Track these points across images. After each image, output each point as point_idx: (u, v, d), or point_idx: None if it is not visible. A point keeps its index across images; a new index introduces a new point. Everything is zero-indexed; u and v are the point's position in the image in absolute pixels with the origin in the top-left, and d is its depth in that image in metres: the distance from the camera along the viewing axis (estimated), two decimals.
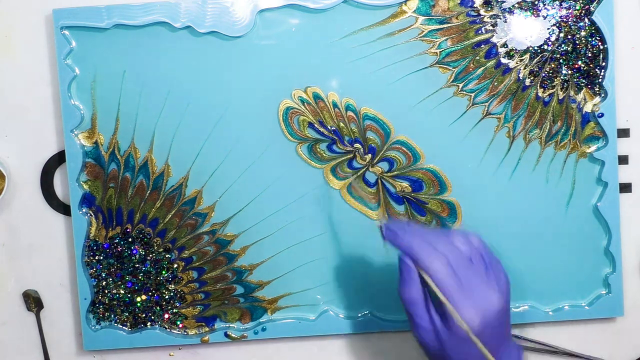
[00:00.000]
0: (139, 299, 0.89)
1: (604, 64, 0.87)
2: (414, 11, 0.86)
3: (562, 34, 0.87)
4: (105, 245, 0.88)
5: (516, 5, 0.86)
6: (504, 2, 0.86)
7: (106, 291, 0.88)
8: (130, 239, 0.88)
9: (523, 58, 0.87)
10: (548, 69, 0.87)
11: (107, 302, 0.88)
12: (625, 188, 0.90)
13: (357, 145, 0.87)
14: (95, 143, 0.87)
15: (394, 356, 0.92)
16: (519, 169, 0.88)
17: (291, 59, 0.87)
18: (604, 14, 0.86)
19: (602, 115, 0.87)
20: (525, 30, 0.86)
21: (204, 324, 0.89)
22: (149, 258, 0.88)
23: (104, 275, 0.88)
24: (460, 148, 0.88)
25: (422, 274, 0.72)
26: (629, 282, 0.91)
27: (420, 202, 0.88)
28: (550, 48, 0.87)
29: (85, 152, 0.87)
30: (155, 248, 0.88)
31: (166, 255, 0.88)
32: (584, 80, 0.87)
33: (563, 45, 0.87)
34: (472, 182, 0.88)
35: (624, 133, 0.89)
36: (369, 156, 0.87)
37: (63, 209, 0.89)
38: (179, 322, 0.89)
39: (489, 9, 0.86)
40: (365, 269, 0.89)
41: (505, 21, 0.86)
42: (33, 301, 0.90)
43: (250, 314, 0.90)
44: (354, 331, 0.90)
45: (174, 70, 0.86)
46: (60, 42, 0.85)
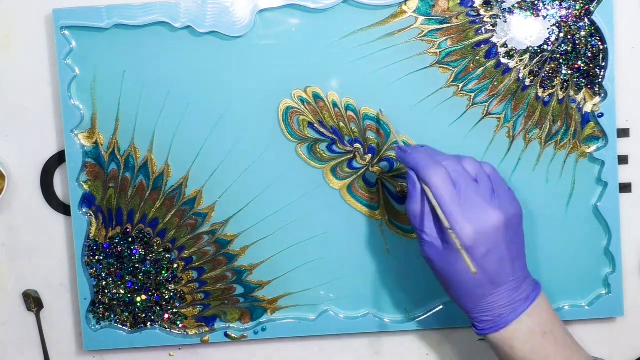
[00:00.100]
0: (139, 299, 0.89)
1: (604, 64, 0.87)
2: (414, 11, 0.86)
3: (562, 34, 0.86)
4: (105, 245, 0.88)
5: (516, 5, 0.86)
6: (504, 2, 0.86)
7: (106, 291, 0.88)
8: (130, 239, 0.88)
9: (523, 58, 0.87)
10: (548, 69, 0.87)
11: (107, 302, 0.88)
12: (625, 188, 0.90)
13: (357, 145, 0.87)
14: (95, 143, 0.87)
15: (394, 356, 0.92)
16: (519, 169, 0.88)
17: (291, 59, 0.86)
18: (604, 14, 0.86)
19: (602, 115, 0.87)
20: (525, 30, 0.86)
21: (204, 324, 0.89)
22: (149, 258, 0.88)
23: (104, 275, 0.88)
24: (460, 148, 0.87)
25: (423, 186, 0.74)
26: (629, 282, 0.91)
27: None
28: (550, 48, 0.87)
29: (85, 152, 0.87)
30: (155, 248, 0.88)
31: (166, 255, 0.88)
32: (584, 80, 0.87)
33: (563, 45, 0.87)
34: None
35: (624, 133, 0.89)
36: (369, 156, 0.87)
37: (63, 209, 0.89)
38: (179, 322, 0.89)
39: (489, 9, 0.86)
40: (365, 269, 0.89)
41: (505, 21, 0.86)
42: (33, 301, 0.90)
43: (250, 314, 0.90)
44: (354, 331, 0.90)
45: (174, 70, 0.86)
46: (60, 42, 0.85)
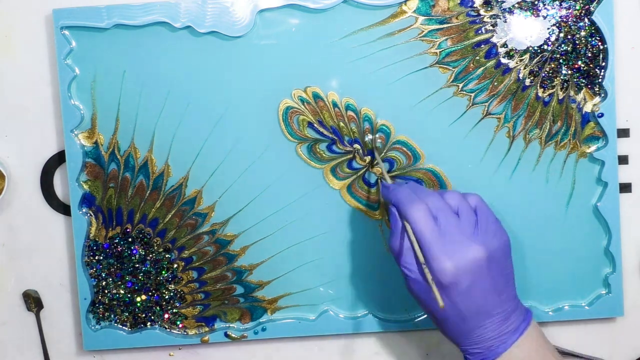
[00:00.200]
0: (139, 299, 0.89)
1: (604, 64, 0.87)
2: (414, 11, 0.86)
3: (562, 34, 0.86)
4: (105, 245, 0.88)
5: (516, 5, 0.86)
6: (504, 2, 0.86)
7: (106, 291, 0.88)
8: (130, 239, 0.88)
9: (523, 58, 0.87)
10: (548, 69, 0.87)
11: (107, 302, 0.88)
12: (625, 188, 0.90)
13: (357, 146, 0.87)
14: (95, 143, 0.87)
15: (394, 356, 0.92)
16: (519, 169, 0.88)
17: (291, 59, 0.86)
18: (604, 14, 0.86)
19: (602, 115, 0.87)
20: (525, 30, 0.86)
21: (204, 324, 0.89)
22: (149, 258, 0.88)
23: (104, 275, 0.88)
24: (460, 148, 0.87)
25: (404, 222, 0.75)
26: (629, 282, 0.91)
27: None
28: (550, 48, 0.87)
29: (85, 152, 0.87)
30: (155, 248, 0.88)
31: (166, 255, 0.88)
32: (584, 80, 0.87)
33: (563, 45, 0.87)
34: (472, 182, 0.88)
35: (624, 133, 0.89)
36: (369, 157, 0.87)
37: (63, 209, 0.89)
38: (179, 322, 0.89)
39: (489, 9, 0.86)
40: (365, 269, 0.89)
41: (505, 21, 0.86)
42: (33, 301, 0.90)
43: (250, 314, 0.90)
44: (354, 331, 0.90)
45: (174, 70, 0.86)
46: (60, 42, 0.85)
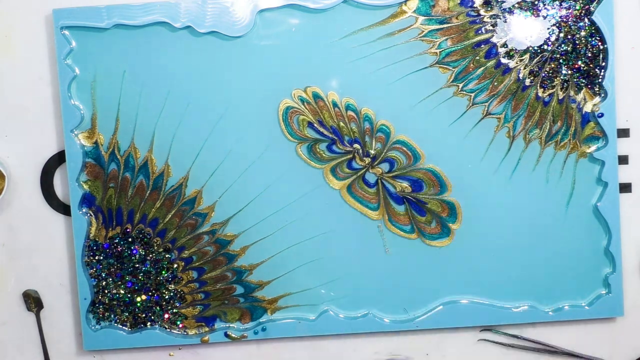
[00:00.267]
0: (139, 299, 0.89)
1: (604, 64, 0.87)
2: (414, 11, 0.86)
3: (562, 34, 0.86)
4: (105, 245, 0.88)
5: (516, 5, 0.86)
6: (504, 2, 0.86)
7: (106, 291, 0.88)
8: (130, 239, 0.88)
9: (523, 58, 0.87)
10: (548, 69, 0.87)
11: (107, 302, 0.88)
12: (625, 188, 0.90)
13: (357, 146, 0.87)
14: (95, 143, 0.87)
15: (394, 356, 0.92)
16: (519, 169, 0.88)
17: (291, 59, 0.86)
18: (604, 14, 0.86)
19: (602, 115, 0.87)
20: (525, 30, 0.86)
21: (204, 324, 0.89)
22: (149, 258, 0.88)
23: (104, 275, 0.88)
24: (460, 148, 0.87)
25: None
26: (629, 282, 0.91)
27: (420, 202, 0.88)
28: (550, 48, 0.87)
29: (85, 152, 0.87)
30: (155, 248, 0.88)
31: (166, 255, 0.88)
32: (584, 80, 0.87)
33: (563, 45, 0.87)
34: (472, 182, 0.88)
35: (624, 133, 0.89)
36: (369, 158, 0.87)
37: (63, 209, 0.89)
38: (179, 322, 0.89)
39: (489, 9, 0.86)
40: (365, 269, 0.89)
41: (505, 21, 0.86)
42: (33, 301, 0.90)
43: (250, 314, 0.90)
44: (354, 331, 0.90)
45: (174, 70, 0.86)
46: (60, 42, 0.85)
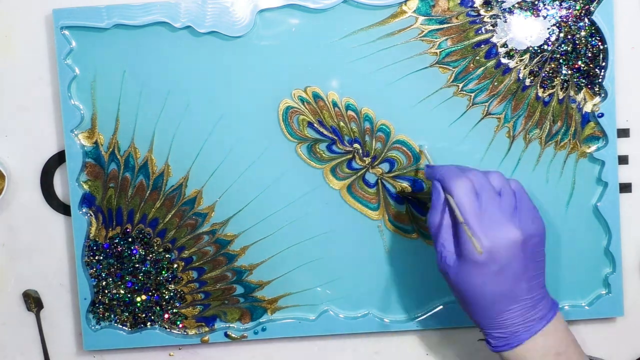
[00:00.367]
0: (139, 299, 0.89)
1: (604, 64, 0.87)
2: (414, 11, 0.86)
3: (562, 34, 0.86)
4: (105, 245, 0.88)
5: (516, 5, 0.86)
6: (504, 2, 0.86)
7: (106, 291, 0.88)
8: (130, 239, 0.88)
9: (523, 58, 0.87)
10: (548, 69, 0.87)
11: (107, 302, 0.88)
12: (625, 188, 0.90)
13: (356, 146, 0.87)
14: (95, 143, 0.87)
15: (394, 356, 0.92)
16: (519, 169, 0.88)
17: (291, 59, 0.86)
18: (604, 14, 0.86)
19: (602, 115, 0.87)
20: (525, 30, 0.86)
21: (204, 324, 0.89)
22: (149, 258, 0.88)
23: (104, 275, 0.88)
24: (460, 148, 0.87)
25: (447, 196, 0.75)
26: (629, 282, 0.91)
27: (421, 202, 0.88)
28: (550, 48, 0.87)
29: (85, 152, 0.87)
30: (155, 248, 0.88)
31: (166, 255, 0.88)
32: (584, 80, 0.87)
33: (563, 45, 0.87)
34: None
35: (624, 133, 0.89)
36: (369, 158, 0.87)
37: (63, 209, 0.89)
38: (179, 322, 0.89)
39: (489, 9, 0.86)
40: (365, 269, 0.89)
41: (505, 21, 0.86)
42: (33, 301, 0.90)
43: (250, 314, 0.90)
44: (354, 331, 0.90)
45: (174, 70, 0.86)
46: (60, 42, 0.85)
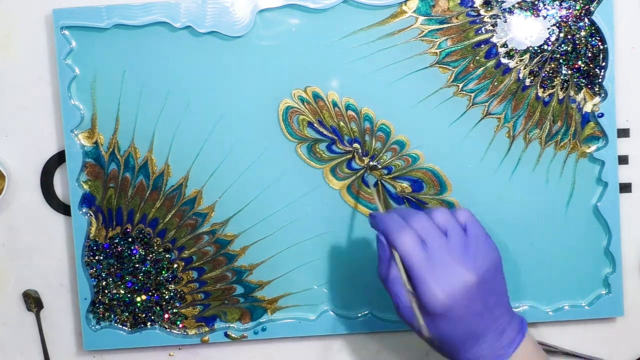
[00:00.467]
0: (139, 299, 0.89)
1: (604, 64, 0.87)
2: (414, 11, 0.86)
3: (562, 34, 0.86)
4: (105, 245, 0.88)
5: (516, 5, 0.86)
6: (504, 2, 0.86)
7: (106, 291, 0.88)
8: (130, 239, 0.88)
9: (523, 58, 0.87)
10: (548, 69, 0.87)
11: (107, 302, 0.88)
12: (625, 188, 0.90)
13: (356, 146, 0.87)
14: (95, 143, 0.87)
15: (394, 356, 0.92)
16: (519, 169, 0.88)
17: (291, 59, 0.86)
18: (604, 14, 0.86)
19: (602, 115, 0.87)
20: (525, 30, 0.86)
21: (204, 324, 0.89)
22: (149, 258, 0.88)
23: (104, 275, 0.88)
24: (460, 148, 0.87)
25: (392, 250, 0.73)
26: (629, 282, 0.91)
27: (421, 202, 0.88)
28: (550, 48, 0.87)
29: (85, 152, 0.87)
30: (155, 248, 0.88)
31: (166, 255, 0.88)
32: (584, 80, 0.87)
33: (563, 45, 0.87)
34: (472, 182, 0.88)
35: (624, 133, 0.89)
36: (368, 158, 0.87)
37: (63, 209, 0.89)
38: (179, 322, 0.89)
39: (489, 9, 0.86)
40: (365, 269, 0.89)
41: (505, 21, 0.86)
42: (33, 301, 0.90)
43: (250, 314, 0.90)
44: (354, 331, 0.90)
45: (174, 70, 0.86)
46: (60, 42, 0.85)
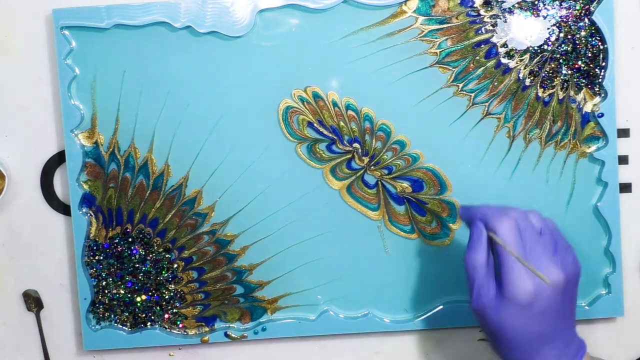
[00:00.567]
0: (139, 299, 0.89)
1: (604, 64, 0.87)
2: (414, 11, 0.86)
3: (562, 34, 0.86)
4: (105, 245, 0.88)
5: (516, 5, 0.86)
6: (504, 2, 0.86)
7: (106, 291, 0.88)
8: (130, 239, 0.88)
9: (523, 58, 0.87)
10: (548, 69, 0.87)
11: (107, 302, 0.88)
12: (625, 188, 0.90)
13: (356, 145, 0.87)
14: (95, 143, 0.87)
15: (394, 356, 0.92)
16: (519, 169, 0.88)
17: (291, 59, 0.86)
18: (604, 14, 0.86)
19: (602, 115, 0.87)
20: (525, 30, 0.86)
21: (204, 324, 0.89)
22: (149, 258, 0.88)
23: (104, 275, 0.88)
24: (460, 148, 0.87)
25: (491, 235, 0.73)
26: (629, 282, 0.91)
27: (421, 202, 0.88)
28: (550, 48, 0.87)
29: (85, 152, 0.87)
30: (155, 248, 0.88)
31: (166, 255, 0.88)
32: (584, 80, 0.87)
33: (563, 45, 0.87)
34: (472, 182, 0.88)
35: (624, 133, 0.89)
36: (367, 158, 0.87)
37: (63, 209, 0.89)
38: (179, 322, 0.89)
39: (489, 9, 0.86)
40: (365, 269, 0.89)
41: (505, 21, 0.86)
42: (33, 301, 0.90)
43: (250, 314, 0.90)
44: (354, 331, 0.90)
45: (174, 70, 0.86)
46: (60, 42, 0.85)
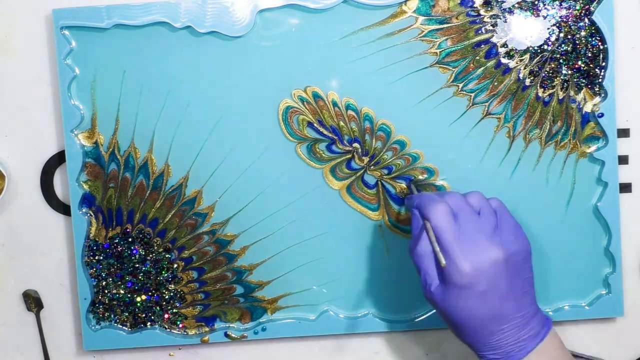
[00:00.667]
0: (139, 299, 0.89)
1: (604, 64, 0.86)
2: (414, 11, 0.86)
3: (562, 34, 0.86)
4: (105, 245, 0.88)
5: (516, 5, 0.86)
6: (504, 2, 0.86)
7: (106, 291, 0.88)
8: (130, 239, 0.88)
9: (523, 58, 0.87)
10: (548, 69, 0.87)
11: (107, 302, 0.88)
12: (625, 188, 0.90)
13: (356, 145, 0.87)
14: (95, 143, 0.87)
15: (394, 356, 0.92)
16: (519, 169, 0.88)
17: (291, 59, 0.86)
18: (604, 14, 0.86)
19: (602, 115, 0.87)
20: (525, 30, 0.86)
21: (204, 324, 0.89)
22: (149, 258, 0.88)
23: (104, 275, 0.88)
24: (460, 148, 0.87)
25: (424, 221, 0.75)
26: (629, 282, 0.91)
27: None
28: (550, 48, 0.87)
29: (85, 152, 0.87)
30: (155, 248, 0.88)
31: (166, 255, 0.88)
32: (584, 80, 0.87)
33: (563, 45, 0.87)
34: (472, 182, 0.88)
35: (624, 133, 0.89)
36: (367, 158, 0.87)
37: (63, 209, 0.89)
38: (179, 322, 0.89)
39: (489, 9, 0.86)
40: (365, 269, 0.89)
41: (505, 21, 0.86)
42: (33, 301, 0.90)
43: (250, 314, 0.90)
44: (354, 331, 0.90)
45: (174, 70, 0.86)
46: (60, 42, 0.85)
